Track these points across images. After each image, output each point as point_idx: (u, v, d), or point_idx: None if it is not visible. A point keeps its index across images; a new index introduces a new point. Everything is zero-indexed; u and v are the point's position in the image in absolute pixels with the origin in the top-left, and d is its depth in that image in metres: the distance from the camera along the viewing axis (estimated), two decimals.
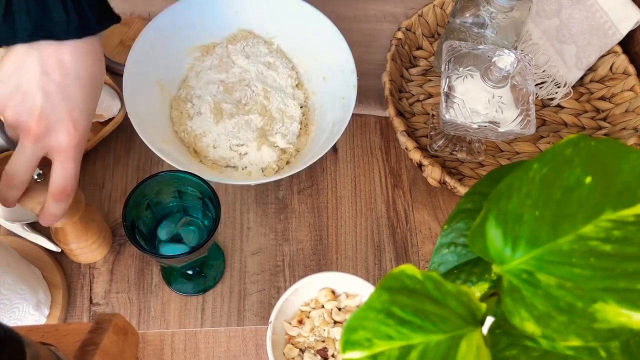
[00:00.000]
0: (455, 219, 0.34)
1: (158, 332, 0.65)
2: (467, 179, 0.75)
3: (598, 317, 0.25)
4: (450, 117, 0.64)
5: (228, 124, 0.70)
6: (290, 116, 0.73)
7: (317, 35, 0.75)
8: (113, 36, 0.79)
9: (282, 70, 0.76)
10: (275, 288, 0.68)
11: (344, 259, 0.71)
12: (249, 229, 0.71)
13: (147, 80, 0.71)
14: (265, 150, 0.70)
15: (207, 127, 0.71)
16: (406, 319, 0.26)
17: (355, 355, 0.26)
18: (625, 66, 0.78)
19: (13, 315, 0.58)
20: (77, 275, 0.67)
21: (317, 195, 0.74)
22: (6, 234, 0.68)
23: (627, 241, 0.25)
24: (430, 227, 0.73)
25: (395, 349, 0.26)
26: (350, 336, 0.26)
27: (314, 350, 0.61)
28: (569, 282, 0.25)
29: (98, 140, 0.72)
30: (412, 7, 0.88)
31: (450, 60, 0.66)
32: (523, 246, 0.26)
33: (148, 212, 0.58)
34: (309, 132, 0.74)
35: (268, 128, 0.72)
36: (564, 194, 0.26)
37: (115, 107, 0.73)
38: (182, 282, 0.68)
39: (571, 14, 0.78)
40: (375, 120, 0.79)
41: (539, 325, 0.25)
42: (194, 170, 0.56)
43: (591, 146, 0.26)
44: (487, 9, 0.68)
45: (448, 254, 0.33)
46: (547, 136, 0.79)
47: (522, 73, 0.66)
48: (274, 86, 0.75)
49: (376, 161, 0.77)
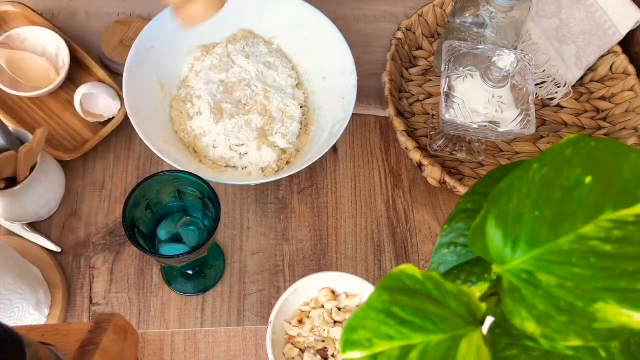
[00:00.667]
0: (455, 219, 0.34)
1: (158, 332, 0.65)
2: (467, 179, 0.75)
3: (598, 317, 0.25)
4: (450, 117, 0.64)
5: (228, 124, 0.70)
6: (290, 116, 0.73)
7: (317, 35, 0.75)
8: (113, 36, 0.79)
9: (282, 70, 0.76)
10: (275, 288, 0.68)
11: (344, 259, 0.71)
12: (249, 229, 0.71)
13: (147, 80, 0.71)
14: (265, 150, 0.70)
15: (207, 127, 0.71)
16: (406, 319, 0.26)
17: (355, 355, 0.26)
18: (625, 66, 0.78)
19: (13, 315, 0.58)
20: (77, 275, 0.67)
21: (317, 195, 0.74)
22: (6, 234, 0.68)
23: (627, 241, 0.25)
24: (430, 227, 0.73)
25: (396, 348, 0.26)
26: (350, 336, 0.26)
27: (314, 350, 0.61)
28: (569, 282, 0.25)
29: (98, 140, 0.72)
30: (412, 7, 0.88)
31: (450, 60, 0.66)
32: (523, 246, 0.26)
33: (148, 212, 0.58)
34: (309, 132, 0.74)
35: (268, 128, 0.72)
36: (564, 194, 0.26)
37: (115, 107, 0.73)
38: (182, 282, 0.68)
39: (571, 13, 0.78)
40: (375, 120, 0.79)
41: (539, 325, 0.25)
42: (193, 170, 0.56)
43: (591, 146, 0.26)
44: (487, 9, 0.68)
45: (448, 254, 0.33)
46: (547, 136, 0.79)
47: (522, 73, 0.66)
48: (274, 86, 0.75)
49: (376, 161, 0.77)
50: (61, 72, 0.74)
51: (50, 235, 0.69)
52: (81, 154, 0.71)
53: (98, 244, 0.69)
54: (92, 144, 0.72)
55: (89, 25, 0.82)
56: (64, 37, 0.75)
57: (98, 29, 0.81)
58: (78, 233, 0.69)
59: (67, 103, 0.75)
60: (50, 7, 0.83)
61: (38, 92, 0.72)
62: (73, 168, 0.72)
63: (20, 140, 0.63)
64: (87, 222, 0.70)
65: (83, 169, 0.73)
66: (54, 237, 0.69)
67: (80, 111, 0.72)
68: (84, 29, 0.82)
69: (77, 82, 0.76)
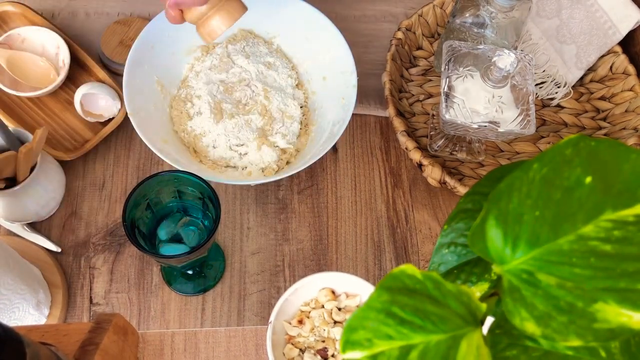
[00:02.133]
0: (455, 219, 0.34)
1: (158, 332, 0.65)
2: (467, 179, 0.75)
3: (598, 317, 0.25)
4: (450, 117, 0.64)
5: (228, 124, 0.70)
6: (290, 116, 0.73)
7: (317, 35, 0.75)
8: (113, 36, 0.79)
9: (282, 70, 0.76)
10: (275, 288, 0.68)
11: (344, 259, 0.71)
12: (249, 229, 0.71)
13: (147, 80, 0.71)
14: (265, 150, 0.70)
15: (207, 127, 0.71)
16: (406, 319, 0.26)
17: (355, 355, 0.26)
18: (625, 66, 0.78)
19: (13, 315, 0.58)
20: (77, 275, 0.67)
21: (317, 195, 0.74)
22: (6, 234, 0.68)
23: (627, 241, 0.25)
24: (430, 227, 0.73)
25: (396, 348, 0.26)
26: (350, 336, 0.26)
27: (314, 350, 0.61)
28: (569, 282, 0.25)
29: (98, 140, 0.72)
30: (412, 7, 0.88)
31: (450, 60, 0.66)
32: (523, 246, 0.26)
33: (148, 212, 0.58)
34: (309, 132, 0.74)
35: (268, 128, 0.72)
36: (564, 194, 0.26)
37: (115, 107, 0.73)
38: (182, 282, 0.68)
39: (571, 13, 0.78)
40: (375, 120, 0.79)
41: (539, 325, 0.25)
42: (193, 170, 0.56)
43: (591, 146, 0.26)
44: (487, 9, 0.68)
45: (448, 254, 0.33)
46: (547, 136, 0.79)
47: (522, 73, 0.66)
48: (274, 86, 0.75)
49: (376, 161, 0.77)
50: (61, 72, 0.74)
51: (50, 235, 0.69)
52: (81, 154, 0.71)
53: (98, 244, 0.69)
54: (92, 144, 0.72)
55: (89, 25, 0.83)
56: (64, 37, 0.75)
57: (98, 29, 0.81)
58: (78, 233, 0.69)
59: (67, 103, 0.75)
60: (50, 7, 0.83)
61: (38, 92, 0.72)
62: (73, 168, 0.72)
63: (20, 140, 0.63)
64: (87, 222, 0.70)
65: (83, 169, 0.73)
66: (54, 237, 0.69)
67: (80, 111, 0.72)
68: (84, 29, 0.82)
69: (77, 82, 0.76)
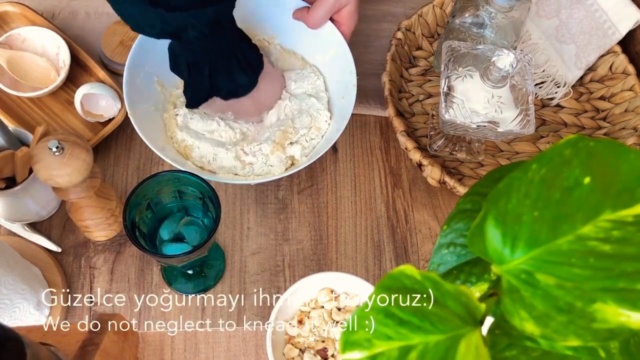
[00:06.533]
0: (454, 219, 0.34)
1: (158, 332, 0.65)
2: (467, 179, 0.75)
3: (597, 317, 0.25)
4: (449, 117, 0.64)
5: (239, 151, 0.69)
6: (318, 127, 0.71)
7: (317, 35, 0.75)
8: (113, 36, 0.80)
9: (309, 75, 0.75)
10: (275, 288, 0.68)
11: (343, 259, 0.71)
12: (249, 229, 0.71)
13: (147, 80, 0.71)
14: (274, 160, 0.68)
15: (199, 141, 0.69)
16: (405, 319, 0.26)
17: (354, 355, 0.26)
18: (625, 66, 0.78)
19: (14, 315, 0.58)
20: (77, 275, 0.67)
21: (317, 195, 0.74)
22: (6, 234, 0.68)
23: (626, 241, 0.25)
24: (430, 227, 0.73)
25: (395, 349, 0.26)
26: (350, 336, 0.26)
27: (313, 350, 0.61)
28: (568, 282, 0.25)
29: (98, 140, 0.72)
30: (412, 7, 0.88)
31: (449, 60, 0.66)
32: (522, 246, 0.26)
33: (148, 212, 0.58)
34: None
35: (289, 134, 0.70)
36: (563, 194, 0.26)
37: (115, 107, 0.73)
38: (183, 282, 0.68)
39: (571, 13, 0.78)
40: (375, 120, 0.79)
41: (538, 326, 0.25)
42: (193, 170, 0.56)
43: (590, 146, 0.26)
44: (486, 9, 0.68)
45: (447, 254, 0.34)
46: (546, 136, 0.79)
47: (521, 73, 0.66)
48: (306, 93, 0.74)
49: (376, 161, 0.77)
50: (61, 72, 0.74)
51: (50, 235, 0.69)
52: None
53: (98, 244, 0.69)
54: (92, 144, 0.72)
55: (89, 25, 0.83)
56: (64, 37, 0.75)
57: (98, 29, 0.81)
58: (78, 233, 0.69)
59: (67, 103, 0.75)
60: (50, 7, 0.83)
61: (38, 92, 0.72)
62: None
63: (21, 140, 0.63)
64: None
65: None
66: (54, 237, 0.69)
67: (81, 111, 0.72)
68: (84, 29, 0.82)
69: (77, 82, 0.76)
